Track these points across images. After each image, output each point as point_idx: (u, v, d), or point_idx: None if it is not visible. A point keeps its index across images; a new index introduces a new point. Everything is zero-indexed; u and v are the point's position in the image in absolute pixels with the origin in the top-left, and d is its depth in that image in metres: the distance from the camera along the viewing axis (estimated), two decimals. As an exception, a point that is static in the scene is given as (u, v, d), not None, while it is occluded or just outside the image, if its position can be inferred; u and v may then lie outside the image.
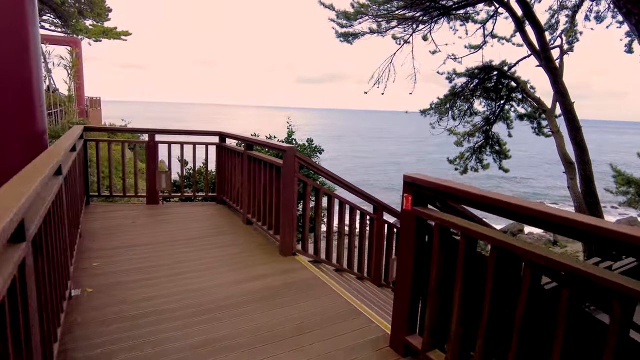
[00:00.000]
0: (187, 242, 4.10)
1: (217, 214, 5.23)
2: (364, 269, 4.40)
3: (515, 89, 15.34)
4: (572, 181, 13.80)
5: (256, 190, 4.40)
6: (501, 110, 15.83)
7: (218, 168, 5.66)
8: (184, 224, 4.77)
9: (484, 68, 15.03)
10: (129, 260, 3.54)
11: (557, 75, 11.90)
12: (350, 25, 12.95)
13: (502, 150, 16.26)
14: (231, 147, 5.15)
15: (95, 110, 25.83)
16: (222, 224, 4.79)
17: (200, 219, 5.03)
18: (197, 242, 4.13)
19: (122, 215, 4.96)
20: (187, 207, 5.58)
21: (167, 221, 4.87)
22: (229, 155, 5.29)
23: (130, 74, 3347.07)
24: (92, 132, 7.41)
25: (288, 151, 3.62)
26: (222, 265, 3.53)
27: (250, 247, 4.02)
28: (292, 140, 7.26)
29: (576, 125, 11.81)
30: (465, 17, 14.37)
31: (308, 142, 7.46)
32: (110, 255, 3.64)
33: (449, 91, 15.54)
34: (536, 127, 15.75)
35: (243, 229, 4.60)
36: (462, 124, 16.21)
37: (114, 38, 24.50)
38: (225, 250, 3.92)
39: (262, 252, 3.89)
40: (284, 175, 3.68)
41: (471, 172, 16.80)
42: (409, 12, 13.61)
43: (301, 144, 7.35)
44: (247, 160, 4.54)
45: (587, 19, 14.55)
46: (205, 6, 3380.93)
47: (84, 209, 5.04)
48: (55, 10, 21.72)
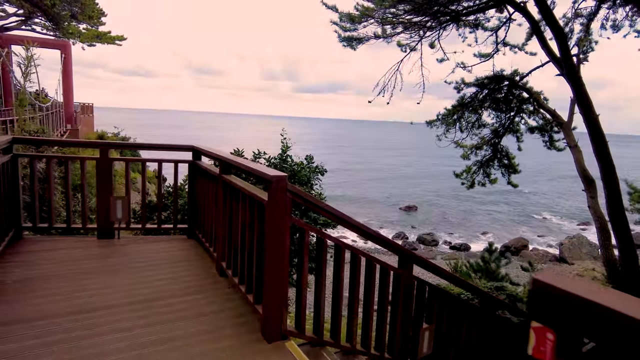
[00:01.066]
0: (131, 311, 2.74)
1: (184, 257, 3.86)
2: (385, 344, 3.05)
3: (526, 101, 14.17)
4: (594, 200, 12.51)
5: (233, 231, 3.06)
6: (511, 123, 14.65)
7: (191, 193, 4.32)
8: (137, 272, 3.42)
9: (495, 78, 13.84)
10: (24, 351, 2.18)
11: (582, 85, 10.67)
12: (354, 29, 11.74)
13: (511, 164, 15.04)
14: (205, 168, 3.80)
15: (88, 117, 24.54)
16: (188, 275, 3.42)
17: (163, 263, 3.67)
18: (146, 310, 2.76)
19: (57, 258, 3.61)
20: (148, 243, 4.20)
21: (117, 267, 3.51)
22: (202, 177, 3.97)
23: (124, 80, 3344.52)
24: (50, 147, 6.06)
25: (275, 183, 2.30)
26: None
27: (220, 323, 2.65)
28: (287, 157, 5.87)
29: (602, 140, 10.55)
30: (475, 24, 13.21)
31: (307, 160, 6.07)
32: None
33: (457, 102, 14.37)
34: (547, 141, 14.56)
35: (215, 285, 3.24)
36: (470, 136, 15.04)
37: (108, 43, 23.27)
38: (186, 327, 2.57)
39: (237, 331, 2.53)
40: (270, 217, 2.35)
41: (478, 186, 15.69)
42: (415, 17, 12.46)
43: (298, 162, 5.98)
44: (222, 188, 3.22)
45: (603, 27, 13.42)
46: (205, 10, 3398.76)
47: (9, 248, 3.71)
48: (46, 13, 20.48)
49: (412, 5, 11.59)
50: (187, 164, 4.27)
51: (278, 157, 5.83)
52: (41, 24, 22.39)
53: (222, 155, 3.23)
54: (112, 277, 3.30)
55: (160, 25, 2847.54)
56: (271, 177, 2.30)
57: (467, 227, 29.93)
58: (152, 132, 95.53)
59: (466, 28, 13.42)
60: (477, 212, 33.40)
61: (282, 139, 6.10)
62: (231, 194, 3.05)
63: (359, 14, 11.48)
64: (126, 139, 24.35)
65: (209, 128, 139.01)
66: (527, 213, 33.53)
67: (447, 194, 38.48)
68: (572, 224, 31.69)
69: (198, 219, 4.25)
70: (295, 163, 5.74)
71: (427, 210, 33.76)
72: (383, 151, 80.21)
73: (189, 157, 4.26)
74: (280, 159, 5.69)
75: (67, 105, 18.20)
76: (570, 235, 28.00)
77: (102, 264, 3.59)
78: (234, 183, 2.93)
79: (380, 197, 36.89)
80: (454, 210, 33.89)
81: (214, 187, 3.48)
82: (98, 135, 21.93)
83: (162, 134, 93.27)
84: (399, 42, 13.40)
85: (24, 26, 22.57)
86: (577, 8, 13.30)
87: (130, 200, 4.19)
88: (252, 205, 2.65)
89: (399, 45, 13.52)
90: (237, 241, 2.96)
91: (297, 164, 5.66)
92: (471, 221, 31.42)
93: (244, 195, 2.75)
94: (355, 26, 11.73)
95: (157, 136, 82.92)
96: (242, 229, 2.87)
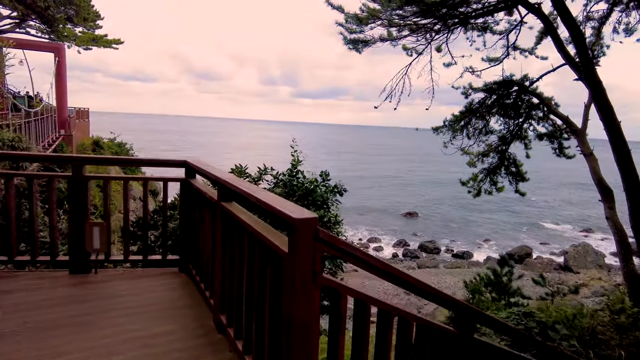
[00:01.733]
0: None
1: (175, 301, 3.05)
2: None
3: (536, 107, 13.51)
4: (612, 211, 11.76)
5: (235, 278, 2.29)
6: (519, 129, 13.98)
7: (183, 217, 3.53)
8: (116, 326, 2.62)
9: (504, 83, 13.18)
10: None
11: (602, 90, 9.98)
12: (361, 31, 11.05)
13: (519, 172, 14.36)
14: (200, 190, 3.01)
15: (83, 122, 23.68)
16: (177, 330, 2.62)
17: (148, 311, 2.87)
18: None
19: (11, 304, 2.81)
20: (132, 280, 3.40)
21: (90, 318, 2.72)
22: (197, 200, 3.19)
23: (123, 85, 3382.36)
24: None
25: (301, 227, 1.53)
26: None
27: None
28: (297, 172, 5.01)
29: (624, 147, 9.84)
30: (484, 28, 12.56)
31: (323, 177, 5.15)
32: None
33: (465, 107, 13.70)
34: (557, 148, 13.89)
35: (211, 348, 2.45)
36: (477, 143, 14.37)
37: (105, 46, 22.48)
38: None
39: None
40: (291, 276, 1.59)
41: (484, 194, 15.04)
42: (422, 19, 11.80)
43: (311, 180, 5.09)
44: (222, 220, 2.45)
45: (616, 31, 12.79)
46: (204, 15, 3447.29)
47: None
48: (40, 15, 19.69)
49: (420, 7, 10.95)
50: (178, 183, 3.48)
51: (287, 173, 4.97)
52: (36, 26, 21.60)
53: (221, 177, 2.44)
54: (84, 333, 2.51)
55: (159, 30, 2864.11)
56: (295, 220, 1.52)
57: (469, 234, 29.22)
58: (150, 137, 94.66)
59: (474, 31, 12.79)
60: (479, 219, 32.71)
61: (293, 151, 5.20)
62: (233, 230, 2.27)
63: (365, 15, 10.79)
64: (122, 144, 23.49)
65: (209, 133, 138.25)
66: (529, 220, 32.86)
67: (448, 201, 37.78)
68: (574, 231, 31.03)
69: (192, 250, 3.46)
70: (307, 180, 4.88)
71: (428, 216, 33.04)
72: (383, 157, 79.55)
73: (182, 173, 3.48)
74: (289, 176, 4.83)
75: (60, 110, 17.36)
76: (573, 243, 27.33)
77: (72, 312, 2.79)
78: (238, 217, 2.15)
79: (380, 203, 36.15)
80: (455, 216, 33.19)
81: (211, 216, 2.71)
82: (93, 141, 21.08)
83: (159, 139, 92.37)
84: (404, 46, 12.76)
85: (18, 29, 21.78)
86: (589, 11, 12.70)
87: (111, 225, 3.39)
88: (264, 254, 1.87)
89: (404, 49, 12.87)
90: (242, 293, 2.18)
91: (309, 182, 4.79)
92: (472, 228, 30.73)
93: (253, 238, 1.98)
94: (361, 28, 11.04)
95: (154, 142, 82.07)
96: (248, 277, 2.10)
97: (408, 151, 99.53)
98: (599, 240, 28.43)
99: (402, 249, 26.00)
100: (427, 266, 22.78)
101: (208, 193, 2.83)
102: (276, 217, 1.69)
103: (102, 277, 3.41)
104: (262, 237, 1.82)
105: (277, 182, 4.66)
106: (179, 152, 67.14)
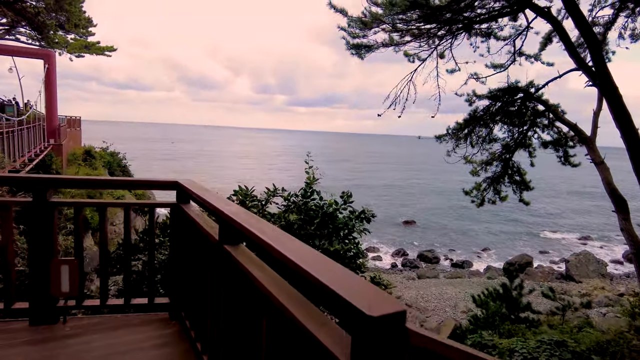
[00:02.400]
0: None
1: None
2: None
3: (541, 114, 13.01)
4: (627, 222, 11.19)
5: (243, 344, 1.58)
6: (524, 137, 13.47)
7: (173, 251, 2.79)
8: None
9: (508, 90, 12.68)
10: None
11: (619, 96, 9.44)
12: (364, 36, 10.48)
13: (523, 181, 13.83)
14: (197, 222, 2.29)
15: (75, 131, 22.84)
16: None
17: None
18: None
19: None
20: (110, 332, 2.65)
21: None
22: (192, 234, 2.47)
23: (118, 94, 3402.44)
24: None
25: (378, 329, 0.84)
26: None
27: None
28: (312, 191, 4.25)
29: (643, 156, 9.31)
30: (487, 34, 12.08)
31: (344, 198, 4.21)
32: None
33: (469, 115, 13.18)
34: (562, 156, 13.38)
35: None
36: (480, 151, 13.84)
37: (97, 53, 21.73)
38: None
39: None
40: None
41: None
42: (425, 25, 11.30)
43: (329, 201, 4.08)
44: (226, 271, 1.74)
45: (621, 37, 12.40)
46: (198, 24, 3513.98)
47: None
48: (30, 22, 18.93)
49: (424, 11, 10.45)
50: (169, 208, 2.76)
51: (300, 194, 4.11)
52: (26, 33, 20.83)
53: (225, 211, 1.73)
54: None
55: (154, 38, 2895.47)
56: (370, 320, 0.82)
57: (467, 243, 28.61)
58: (144, 145, 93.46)
59: (478, 37, 12.33)
60: (477, 228, 32.16)
61: (309, 167, 4.38)
62: (243, 291, 1.57)
63: (368, 19, 10.23)
64: (115, 154, 22.66)
65: (203, 141, 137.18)
66: (528, 228, 32.36)
67: (446, 209, 37.21)
68: (572, 239, 30.55)
69: (185, 293, 2.74)
70: (326, 202, 3.99)
71: (427, 225, 32.42)
72: (380, 165, 79.03)
73: (171, 198, 2.77)
74: (303, 197, 4.10)
75: (50, 119, 16.54)
76: (572, 251, 26.81)
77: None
78: (252, 275, 1.44)
79: (377, 211, 35.44)
80: (453, 225, 32.60)
81: (210, 261, 2.00)
82: (85, 150, 20.25)
83: (153, 148, 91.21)
84: (406, 52, 12.26)
85: (7, 35, 20.99)
86: (594, 17, 12.30)
87: (80, 264, 2.66)
88: (300, 351, 1.16)
89: (406, 56, 12.38)
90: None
91: (328, 204, 4.09)
92: (471, 236, 30.13)
93: (279, 318, 1.27)
94: (364, 32, 10.47)
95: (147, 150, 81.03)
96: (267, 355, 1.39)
97: (405, 159, 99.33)
98: (597, 248, 27.98)
99: (401, 259, 25.32)
100: (427, 276, 22.11)
101: (205, 227, 2.12)
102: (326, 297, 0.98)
103: (72, 329, 2.67)
104: (299, 324, 1.11)
105: (288, 206, 3.88)
106: (173, 163, 66.17)
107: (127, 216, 2.72)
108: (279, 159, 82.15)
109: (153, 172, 48.17)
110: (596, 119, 12.30)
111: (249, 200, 3.72)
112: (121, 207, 2.73)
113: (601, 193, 12.23)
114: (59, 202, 2.63)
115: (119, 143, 21.09)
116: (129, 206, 2.70)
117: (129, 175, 22.04)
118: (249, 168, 61.27)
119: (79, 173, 16.21)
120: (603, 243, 29.48)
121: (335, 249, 3.21)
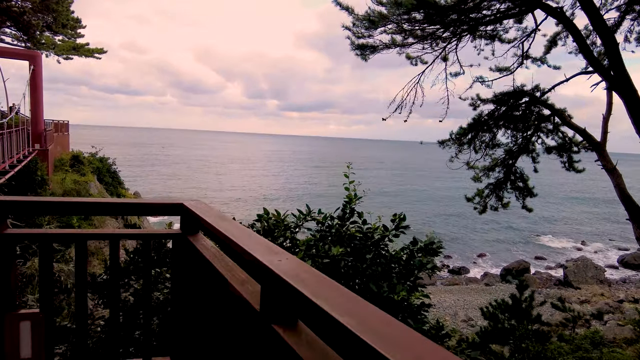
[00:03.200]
0: None
1: None
2: None
3: (546, 118, 12.54)
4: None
5: None
6: (528, 142, 12.98)
7: (176, 297, 2.04)
8: None
9: (513, 94, 12.18)
10: None
11: (638, 99, 8.95)
12: (369, 36, 9.88)
13: (526, 187, 13.34)
14: (217, 269, 1.52)
15: (62, 136, 21.80)
16: None
17: None
18: None
19: None
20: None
21: None
22: (207, 280, 1.72)
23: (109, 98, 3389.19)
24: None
25: None
26: None
27: None
28: (351, 211, 3.23)
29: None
30: (492, 36, 11.58)
31: (396, 222, 3.38)
32: None
33: (473, 119, 12.67)
34: (566, 162, 12.93)
35: None
36: (483, 157, 13.34)
37: (86, 55, 20.80)
38: None
39: None
40: None
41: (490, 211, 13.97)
42: (430, 26, 10.77)
43: (374, 226, 3.25)
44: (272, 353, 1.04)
45: (627, 40, 12.02)
46: (189, 29, 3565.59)
47: None
48: (15, 22, 17.96)
49: (429, 11, 9.90)
50: (170, 239, 2.02)
51: (337, 216, 3.20)
52: (11, 34, 19.83)
53: (274, 270, 1.03)
54: None
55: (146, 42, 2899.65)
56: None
57: (463, 249, 28.11)
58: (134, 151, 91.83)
59: (482, 40, 11.82)
60: (472, 233, 31.74)
61: (349, 181, 3.42)
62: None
63: (375, 18, 9.63)
64: (104, 159, 21.67)
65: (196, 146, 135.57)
66: (523, 234, 32.02)
67: (441, 214, 36.77)
68: (568, 244, 30.29)
69: (192, 348, 2.00)
70: (371, 227, 3.09)
71: (422, 231, 31.90)
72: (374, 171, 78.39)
73: (174, 227, 2.05)
74: (340, 219, 3.19)
75: (35, 123, 15.57)
76: (568, 257, 26.50)
77: None
78: None
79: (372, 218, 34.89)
80: (448, 230, 32.12)
81: (244, 337, 1.29)
82: (73, 156, 19.24)
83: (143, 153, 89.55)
84: (408, 54, 11.71)
85: (-8, 36, 19.97)
86: (599, 20, 11.86)
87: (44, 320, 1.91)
88: None
89: (408, 59, 11.82)
90: None
91: (373, 229, 2.97)
92: (466, 242, 29.66)
93: None
94: (370, 32, 9.87)
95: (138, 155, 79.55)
96: None
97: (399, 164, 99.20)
98: (593, 254, 27.69)
99: (398, 265, 24.71)
100: (425, 284, 21.47)
101: (236, 285, 1.37)
102: None
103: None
104: None
105: (324, 231, 2.97)
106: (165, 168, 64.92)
107: (114, 250, 1.97)
108: (275, 163, 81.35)
109: (143, 179, 47.02)
110: (606, 124, 11.85)
111: (279, 231, 2.83)
112: (106, 239, 2.00)
113: (601, 199, 11.73)
114: (19, 234, 1.89)
115: (109, 148, 20.15)
116: (117, 238, 1.95)
117: (118, 182, 21.05)
118: (245, 174, 60.27)
119: (66, 180, 15.27)
120: (598, 248, 29.27)
121: (402, 297, 2.41)
